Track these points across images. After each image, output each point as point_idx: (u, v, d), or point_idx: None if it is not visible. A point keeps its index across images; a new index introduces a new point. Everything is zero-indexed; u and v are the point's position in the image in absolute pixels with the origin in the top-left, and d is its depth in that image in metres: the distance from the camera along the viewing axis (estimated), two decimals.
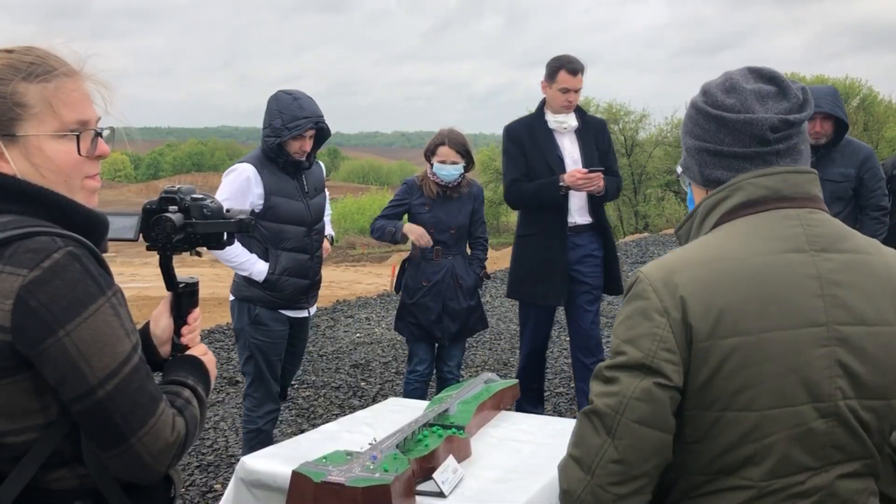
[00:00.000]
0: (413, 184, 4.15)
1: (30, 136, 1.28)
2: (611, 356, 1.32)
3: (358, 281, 16.19)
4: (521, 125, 4.32)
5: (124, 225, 1.51)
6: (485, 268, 4.25)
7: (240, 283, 3.61)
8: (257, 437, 3.63)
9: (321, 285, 3.89)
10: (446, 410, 2.74)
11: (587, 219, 4.27)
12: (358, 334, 7.15)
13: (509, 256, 4.65)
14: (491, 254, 4.45)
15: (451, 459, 2.37)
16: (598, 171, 4.09)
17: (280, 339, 3.66)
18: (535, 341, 4.39)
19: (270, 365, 3.64)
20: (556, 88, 4.16)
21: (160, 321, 1.57)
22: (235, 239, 1.58)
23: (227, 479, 3.80)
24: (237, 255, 3.50)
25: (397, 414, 2.95)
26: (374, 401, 5.16)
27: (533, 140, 4.21)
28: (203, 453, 4.41)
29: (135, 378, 1.27)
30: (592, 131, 4.33)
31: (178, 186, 1.55)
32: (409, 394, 4.12)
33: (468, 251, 4.29)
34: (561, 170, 4.15)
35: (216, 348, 6.57)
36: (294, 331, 3.76)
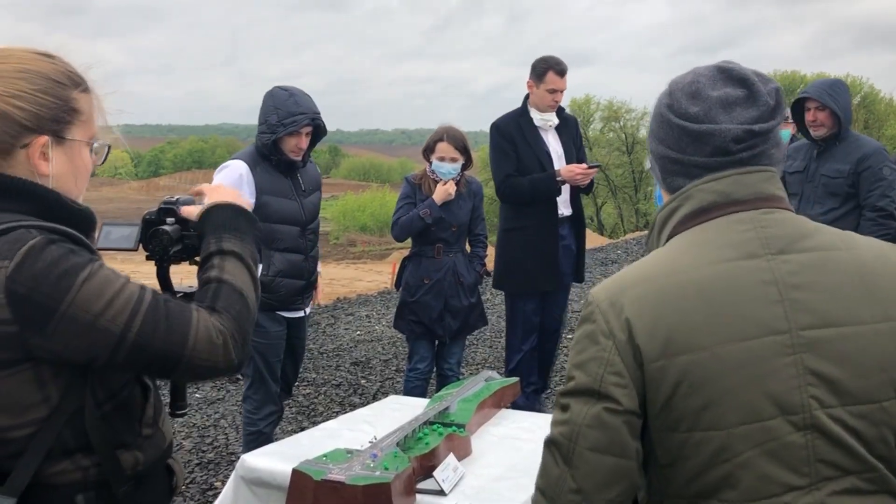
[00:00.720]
0: (413, 182, 4.15)
1: (75, 140, 1.37)
2: (564, 382, 1.28)
3: (359, 278, 16.18)
4: (509, 122, 4.45)
5: (123, 235, 1.52)
6: (485, 265, 4.25)
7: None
8: (257, 439, 3.58)
9: (323, 283, 3.86)
10: (447, 408, 2.74)
11: (568, 210, 4.51)
12: (358, 332, 7.15)
13: None
14: (490, 251, 4.46)
15: (451, 457, 2.37)
16: (595, 167, 4.37)
17: (278, 339, 3.61)
18: (528, 331, 4.51)
19: (269, 366, 3.60)
20: (544, 89, 4.34)
21: None
22: None
23: (228, 477, 3.81)
24: None
25: (398, 412, 2.95)
26: (375, 398, 5.16)
27: (522, 136, 4.37)
28: (203, 451, 4.41)
29: (156, 308, 1.30)
30: (569, 128, 4.58)
31: (177, 197, 1.55)
32: (409, 391, 4.11)
33: (468, 249, 4.29)
34: (550, 165, 4.35)
35: None
36: (292, 330, 3.71)
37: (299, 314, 3.71)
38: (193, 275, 1.51)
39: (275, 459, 2.48)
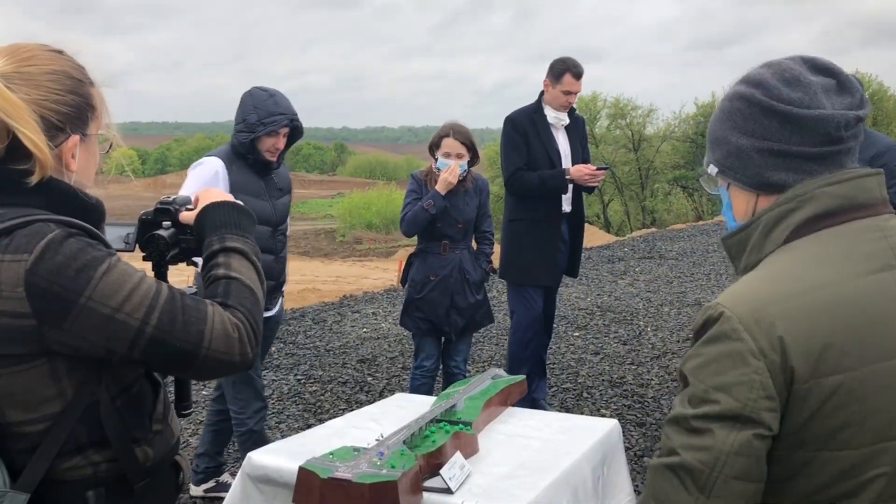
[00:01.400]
0: (419, 178, 4.13)
1: (92, 135, 1.41)
2: (692, 402, 1.17)
3: (365, 276, 16.20)
4: (523, 117, 4.52)
5: (119, 235, 1.52)
6: (491, 262, 4.24)
7: (201, 282, 3.51)
8: (250, 437, 3.55)
9: (331, 282, 3.84)
10: (453, 406, 2.73)
11: (568, 207, 4.59)
12: (365, 329, 7.15)
13: None
14: (497, 248, 4.46)
15: (458, 455, 2.36)
16: (604, 169, 4.45)
17: None
18: (532, 320, 4.55)
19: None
20: (560, 90, 4.44)
21: None
22: None
23: (234, 474, 3.81)
24: None
25: (404, 410, 2.94)
26: (381, 396, 5.15)
27: (535, 132, 4.46)
28: None
29: (173, 303, 1.30)
30: (578, 128, 4.68)
31: (174, 197, 1.54)
32: (415, 389, 4.10)
33: (474, 245, 4.28)
34: (559, 162, 4.45)
35: None
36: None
37: (269, 314, 3.68)
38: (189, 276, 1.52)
39: (281, 457, 2.47)
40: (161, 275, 1.53)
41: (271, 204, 3.54)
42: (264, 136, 3.39)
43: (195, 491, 3.55)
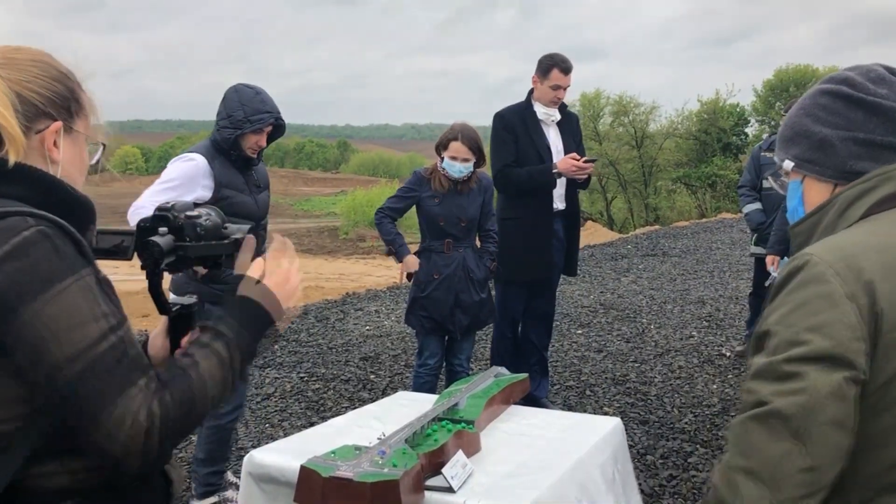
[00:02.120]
0: (422, 176, 4.12)
1: (80, 133, 1.38)
2: (782, 347, 1.13)
3: (368, 273, 16.21)
4: (513, 113, 4.53)
5: (116, 243, 1.47)
6: (494, 260, 4.23)
7: (179, 280, 3.43)
8: (217, 433, 3.48)
9: (334, 280, 3.83)
10: (456, 405, 2.72)
11: (562, 205, 4.57)
12: (367, 327, 7.15)
13: None
14: None
15: (460, 454, 2.36)
16: (592, 161, 4.42)
17: None
18: (513, 319, 4.64)
19: None
20: (548, 85, 4.43)
21: (156, 342, 1.55)
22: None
23: (236, 471, 3.81)
24: None
25: (406, 408, 2.94)
26: (384, 394, 5.15)
27: (524, 129, 4.45)
28: None
29: (105, 361, 1.17)
30: (571, 124, 4.66)
31: (173, 203, 1.46)
32: (418, 388, 4.10)
33: (478, 244, 4.28)
34: (549, 158, 4.43)
35: None
36: None
37: None
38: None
39: (283, 455, 2.47)
40: (155, 285, 1.46)
41: (253, 199, 3.54)
42: (249, 133, 3.39)
43: None
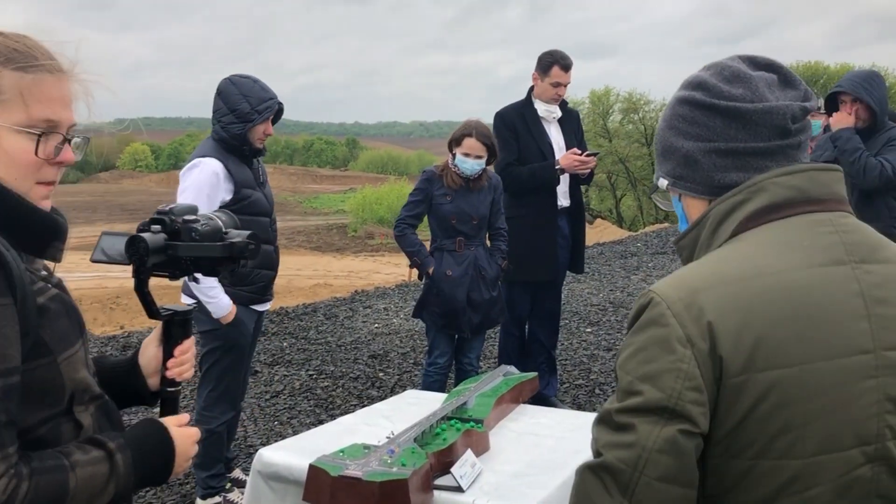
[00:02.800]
0: (433, 174, 4.10)
1: (2, 125, 1.19)
2: (619, 396, 1.09)
3: (376, 271, 16.22)
4: (513, 112, 4.51)
5: (119, 250, 1.37)
6: (506, 258, 4.21)
7: (206, 297, 3.31)
8: (209, 437, 3.42)
9: (343, 277, 3.82)
10: (464, 403, 2.72)
11: (567, 202, 4.56)
12: (376, 325, 7.15)
13: None
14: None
15: (469, 453, 2.35)
16: (593, 155, 4.41)
17: (250, 334, 3.53)
18: (519, 318, 4.63)
19: (241, 365, 3.53)
20: (549, 82, 4.42)
21: (147, 350, 1.46)
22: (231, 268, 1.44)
23: (245, 469, 3.82)
24: (210, 287, 3.23)
25: (415, 406, 2.93)
26: (393, 391, 5.15)
27: (525, 127, 4.44)
28: None
29: None
30: (571, 121, 4.65)
31: (172, 206, 1.40)
32: (428, 386, 4.09)
33: (488, 242, 4.26)
34: (551, 155, 4.41)
35: None
36: (256, 324, 3.63)
37: (266, 307, 3.65)
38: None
39: (292, 454, 2.47)
40: (140, 285, 1.37)
41: (263, 193, 3.50)
42: (259, 123, 3.32)
43: None
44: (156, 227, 1.37)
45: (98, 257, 1.38)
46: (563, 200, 4.52)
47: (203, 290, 3.24)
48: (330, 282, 12.40)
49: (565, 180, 4.46)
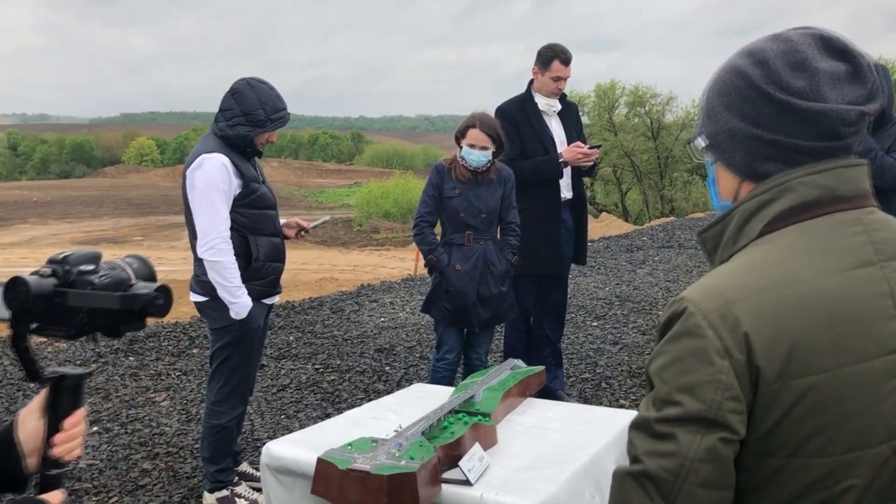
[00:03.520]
0: (442, 168, 4.08)
1: None
2: (656, 405, 1.10)
3: (382, 265, 16.24)
4: (514, 106, 4.51)
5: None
6: (516, 254, 4.15)
7: (207, 278, 3.32)
8: (220, 432, 3.46)
9: (348, 272, 3.83)
10: (472, 397, 2.72)
11: (569, 193, 4.56)
12: (382, 318, 7.15)
13: None
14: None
15: (477, 447, 2.35)
16: (595, 147, 4.41)
17: (261, 328, 3.54)
18: (525, 312, 4.60)
19: (252, 360, 3.53)
20: (549, 76, 4.42)
21: (27, 423, 1.21)
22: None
23: (253, 462, 3.82)
24: (236, 276, 3.27)
25: (423, 400, 2.94)
26: (399, 385, 5.15)
27: (526, 121, 4.44)
28: None
29: None
30: (571, 114, 4.65)
31: (67, 255, 1.20)
32: (436, 381, 4.07)
33: (499, 237, 4.23)
34: (553, 149, 4.41)
35: None
36: (265, 318, 3.64)
37: (275, 300, 3.66)
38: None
39: (300, 448, 2.47)
40: (18, 338, 1.16)
41: (268, 188, 3.54)
42: (268, 131, 3.36)
43: (208, 499, 3.54)
44: (46, 270, 1.17)
45: None
46: (566, 192, 4.52)
47: (231, 289, 3.26)
48: (336, 276, 12.41)
49: (567, 173, 4.47)
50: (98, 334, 1.19)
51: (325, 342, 6.34)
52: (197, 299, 3.42)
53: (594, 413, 2.94)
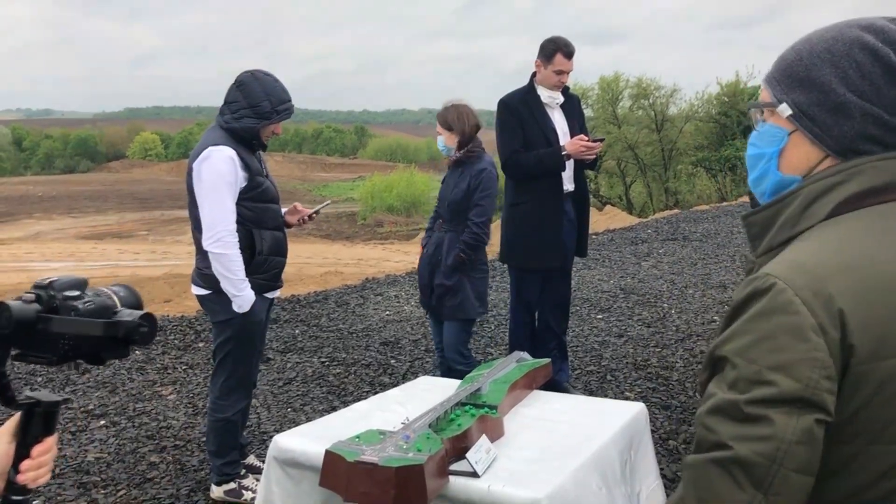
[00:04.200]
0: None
1: None
2: (743, 386, 1.03)
3: (387, 258, 16.24)
4: (516, 99, 4.52)
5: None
6: (463, 252, 3.96)
7: (210, 271, 3.31)
8: (226, 426, 3.49)
9: (353, 265, 3.85)
10: (478, 389, 2.73)
11: (571, 186, 4.55)
12: (387, 312, 7.17)
13: None
14: (494, 226, 4.48)
15: (484, 439, 2.36)
16: (599, 141, 4.40)
17: (263, 321, 3.55)
18: (528, 305, 4.62)
19: (255, 353, 3.54)
20: (552, 69, 4.42)
21: None
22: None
23: (260, 456, 3.84)
24: (241, 270, 3.28)
25: (429, 393, 2.95)
26: (404, 378, 5.17)
27: (530, 113, 4.44)
28: None
29: None
30: (573, 106, 4.65)
31: (53, 280, 1.18)
32: (443, 374, 4.12)
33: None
34: (556, 141, 4.41)
35: None
36: (266, 312, 3.65)
37: (276, 293, 3.67)
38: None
39: (307, 440, 2.48)
40: None
41: (271, 182, 3.54)
42: (274, 122, 3.36)
43: (216, 492, 3.55)
44: (29, 295, 1.16)
45: None
46: (568, 185, 4.52)
47: (235, 282, 3.27)
48: (340, 269, 12.42)
49: (570, 165, 4.48)
50: (81, 362, 1.18)
51: (330, 335, 6.36)
52: (199, 292, 3.43)
53: (600, 405, 2.95)
